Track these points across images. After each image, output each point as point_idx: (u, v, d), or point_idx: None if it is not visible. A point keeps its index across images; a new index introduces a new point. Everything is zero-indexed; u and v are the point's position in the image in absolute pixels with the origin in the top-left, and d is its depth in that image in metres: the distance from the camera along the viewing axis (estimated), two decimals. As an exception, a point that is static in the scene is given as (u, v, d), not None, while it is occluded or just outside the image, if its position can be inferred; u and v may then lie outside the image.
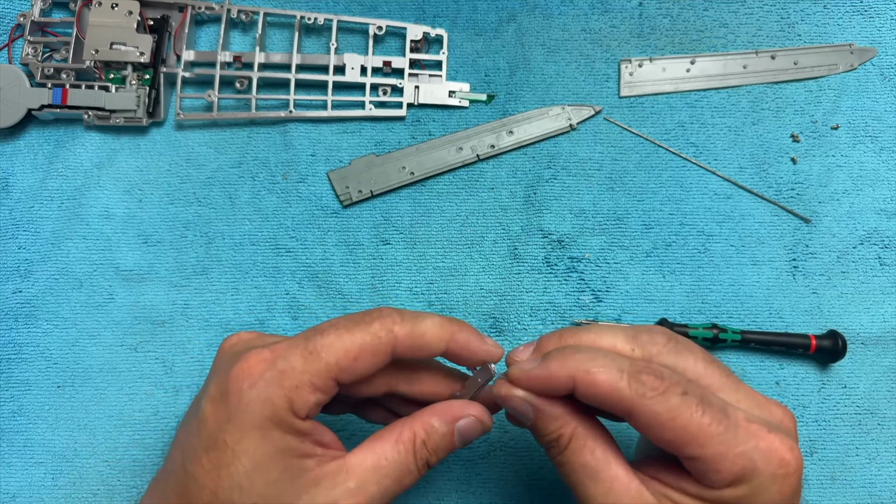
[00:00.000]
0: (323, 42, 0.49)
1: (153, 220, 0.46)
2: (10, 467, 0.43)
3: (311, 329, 0.31)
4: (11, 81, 0.46)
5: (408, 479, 0.31)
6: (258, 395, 0.28)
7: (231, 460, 0.28)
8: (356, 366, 0.30)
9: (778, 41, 0.48)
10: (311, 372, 0.29)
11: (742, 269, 0.46)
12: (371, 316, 0.31)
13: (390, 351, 0.30)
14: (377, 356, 0.30)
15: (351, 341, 0.30)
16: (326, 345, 0.29)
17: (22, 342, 0.45)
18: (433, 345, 0.31)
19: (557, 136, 0.47)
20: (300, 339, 0.30)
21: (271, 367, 0.29)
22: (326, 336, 0.30)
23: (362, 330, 0.30)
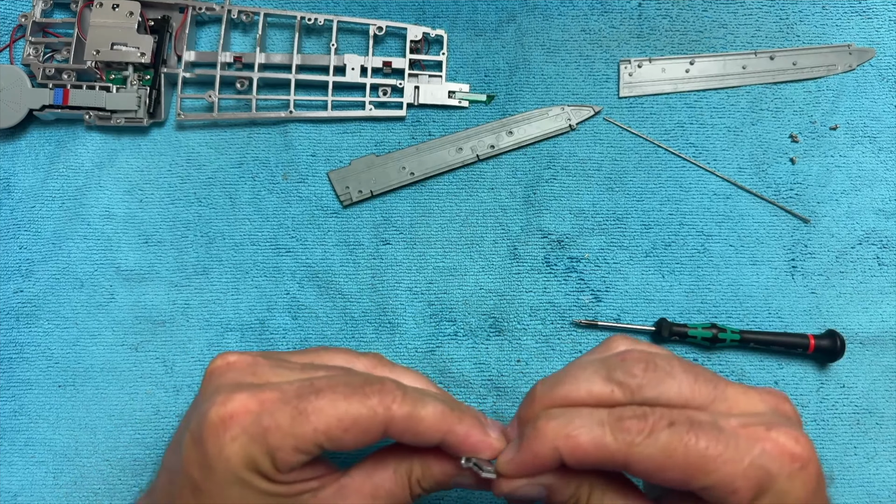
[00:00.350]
0: (323, 42, 0.49)
1: (154, 220, 0.47)
2: (11, 466, 0.43)
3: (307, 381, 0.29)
4: (13, 82, 0.46)
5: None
6: (239, 449, 0.27)
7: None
8: (345, 437, 0.28)
9: (777, 42, 0.48)
10: (296, 435, 0.27)
11: (741, 269, 0.46)
12: (372, 387, 0.28)
13: (383, 431, 0.28)
14: (368, 434, 0.28)
15: (345, 411, 0.27)
16: (318, 409, 0.27)
17: (23, 342, 0.45)
18: (428, 434, 0.29)
19: (557, 137, 0.47)
20: (292, 394, 0.28)
21: (255, 422, 0.27)
22: (321, 398, 0.27)
23: (359, 401, 0.28)
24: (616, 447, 0.26)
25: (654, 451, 0.26)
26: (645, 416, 0.26)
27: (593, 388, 0.28)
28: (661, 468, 0.26)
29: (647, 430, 0.26)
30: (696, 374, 0.28)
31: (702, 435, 0.26)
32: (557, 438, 0.27)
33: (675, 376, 0.28)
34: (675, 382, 0.28)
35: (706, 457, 0.26)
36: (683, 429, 0.26)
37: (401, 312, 0.45)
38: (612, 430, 0.26)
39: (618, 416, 0.27)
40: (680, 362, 0.29)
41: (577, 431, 0.26)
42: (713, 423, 0.26)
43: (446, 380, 0.44)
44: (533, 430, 0.27)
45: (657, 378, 0.28)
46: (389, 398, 0.28)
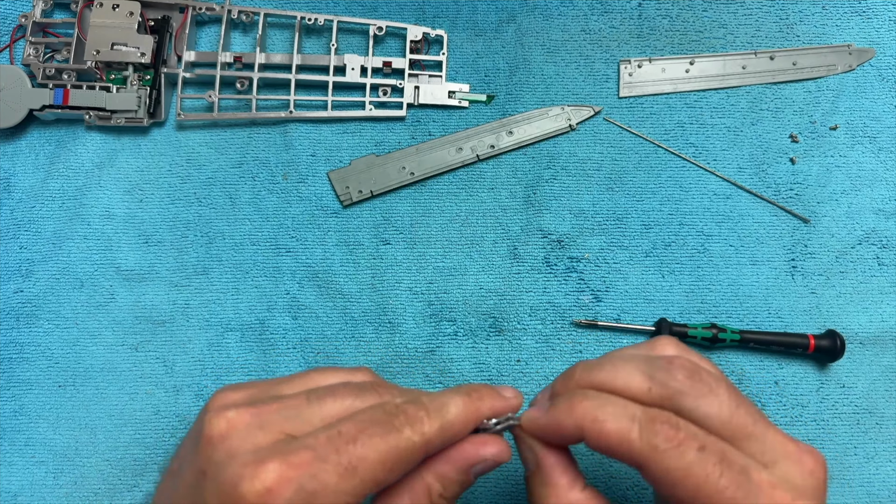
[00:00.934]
0: (323, 42, 0.49)
1: (154, 220, 0.47)
2: (11, 466, 0.43)
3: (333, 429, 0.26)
4: (13, 82, 0.46)
5: None
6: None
7: None
8: (390, 477, 0.26)
9: (777, 42, 0.49)
10: (347, 491, 0.25)
11: (741, 269, 0.46)
12: (398, 418, 0.27)
13: (422, 455, 0.27)
14: (411, 464, 0.27)
15: (386, 452, 0.26)
16: (362, 458, 0.25)
17: (23, 342, 0.45)
18: (461, 433, 0.28)
19: (557, 137, 0.47)
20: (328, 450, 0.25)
21: (300, 489, 0.24)
22: (360, 446, 0.26)
23: (395, 437, 0.26)
24: (639, 446, 0.26)
25: (674, 465, 0.25)
26: (678, 427, 0.26)
27: (632, 381, 0.27)
28: (674, 484, 0.25)
29: (675, 442, 0.25)
30: (739, 402, 0.27)
31: (727, 474, 0.25)
32: (586, 417, 0.26)
33: (718, 395, 0.27)
34: (716, 401, 0.27)
35: (722, 496, 0.25)
36: (712, 459, 0.25)
37: (401, 312, 0.45)
38: (642, 429, 0.26)
39: (651, 416, 0.26)
40: (727, 384, 0.27)
41: (606, 417, 0.26)
42: (743, 468, 0.25)
43: (446, 380, 0.44)
44: (565, 402, 0.27)
45: (699, 390, 0.27)
46: (419, 425, 0.27)
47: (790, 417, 0.44)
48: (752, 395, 0.44)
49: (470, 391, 0.29)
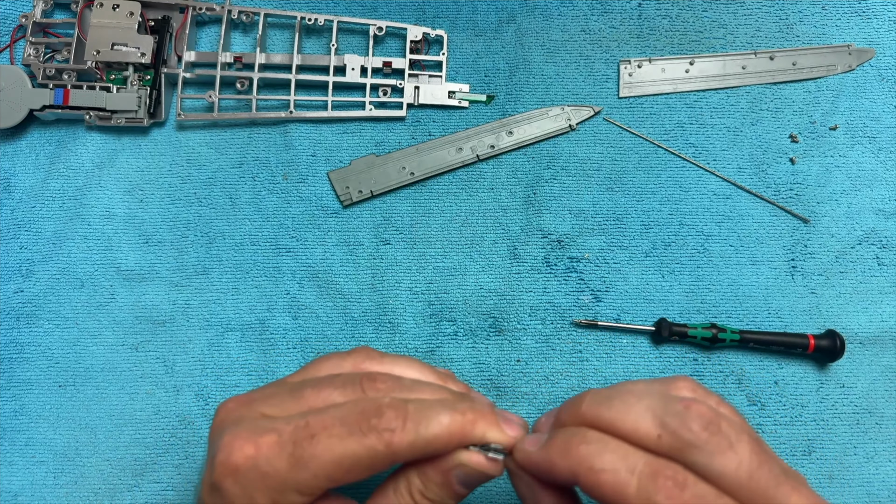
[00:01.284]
0: (323, 43, 0.49)
1: (154, 220, 0.47)
2: (11, 466, 0.43)
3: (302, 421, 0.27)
4: (13, 82, 0.46)
5: None
6: (243, 492, 0.26)
7: None
8: (347, 477, 0.27)
9: (776, 42, 0.49)
10: (296, 480, 0.26)
11: (741, 269, 0.46)
12: (369, 422, 0.26)
13: (389, 463, 0.27)
14: (373, 469, 0.27)
15: (342, 454, 0.26)
16: (314, 455, 0.26)
17: (23, 342, 0.45)
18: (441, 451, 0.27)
19: (557, 137, 0.47)
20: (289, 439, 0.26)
21: (253, 468, 0.26)
22: (316, 444, 0.26)
23: (357, 441, 0.26)
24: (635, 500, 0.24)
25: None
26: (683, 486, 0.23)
27: (642, 424, 0.25)
28: None
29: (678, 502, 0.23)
30: (762, 459, 0.24)
31: None
32: (582, 464, 0.25)
33: (738, 452, 0.24)
34: (735, 459, 0.24)
35: None
36: None
37: (401, 312, 0.45)
38: (640, 484, 0.24)
39: (654, 470, 0.24)
40: (749, 436, 0.25)
41: (604, 466, 0.24)
42: None
43: (446, 380, 0.44)
44: (563, 441, 0.26)
45: (715, 445, 0.24)
46: (388, 433, 0.26)
47: (790, 417, 0.44)
48: (752, 395, 0.44)
49: (466, 410, 0.27)
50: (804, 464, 0.43)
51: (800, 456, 0.43)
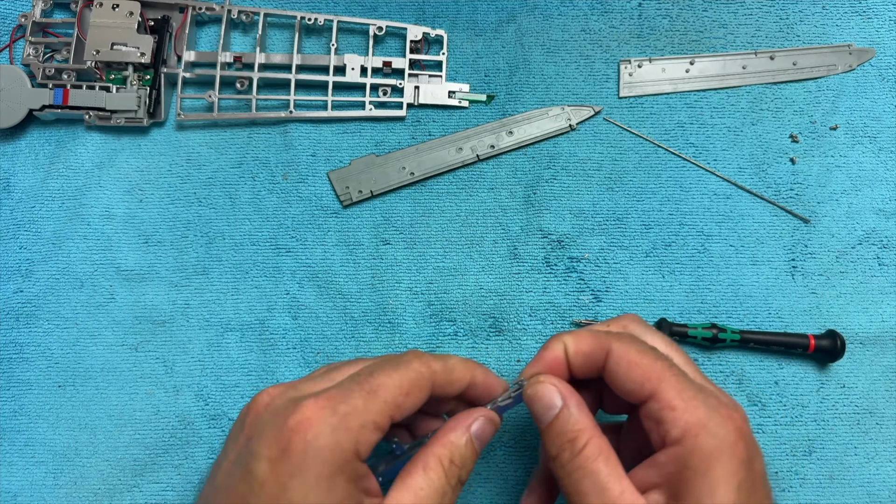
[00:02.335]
0: (323, 42, 0.49)
1: (154, 220, 0.47)
2: (11, 466, 0.43)
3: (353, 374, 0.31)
4: (13, 82, 0.46)
5: (447, 500, 0.31)
6: (326, 442, 0.28)
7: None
8: (408, 401, 0.31)
9: (777, 42, 0.48)
10: (374, 411, 0.29)
11: (741, 269, 0.46)
12: (407, 357, 0.32)
13: (431, 385, 0.32)
14: (423, 391, 0.32)
15: (401, 379, 0.31)
16: (381, 384, 0.30)
17: (23, 342, 0.45)
18: (461, 381, 0.33)
19: (557, 137, 0.47)
20: (352, 383, 0.30)
21: (334, 412, 0.29)
22: (378, 377, 0.31)
23: (406, 368, 0.31)
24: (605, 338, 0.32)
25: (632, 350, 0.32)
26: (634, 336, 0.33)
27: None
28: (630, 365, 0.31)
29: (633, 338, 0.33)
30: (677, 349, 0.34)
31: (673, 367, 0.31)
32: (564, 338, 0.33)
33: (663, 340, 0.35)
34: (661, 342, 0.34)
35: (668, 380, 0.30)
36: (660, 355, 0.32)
37: (401, 312, 0.45)
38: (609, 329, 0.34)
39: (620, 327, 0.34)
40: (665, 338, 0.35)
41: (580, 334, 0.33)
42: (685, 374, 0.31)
43: (446, 380, 0.44)
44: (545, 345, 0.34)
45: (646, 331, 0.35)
46: (426, 359, 0.32)
47: (790, 417, 0.44)
48: (752, 395, 0.44)
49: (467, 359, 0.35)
50: (805, 464, 0.43)
51: (800, 456, 0.43)
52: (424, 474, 0.30)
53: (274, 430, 0.29)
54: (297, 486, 0.27)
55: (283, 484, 0.27)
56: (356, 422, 0.29)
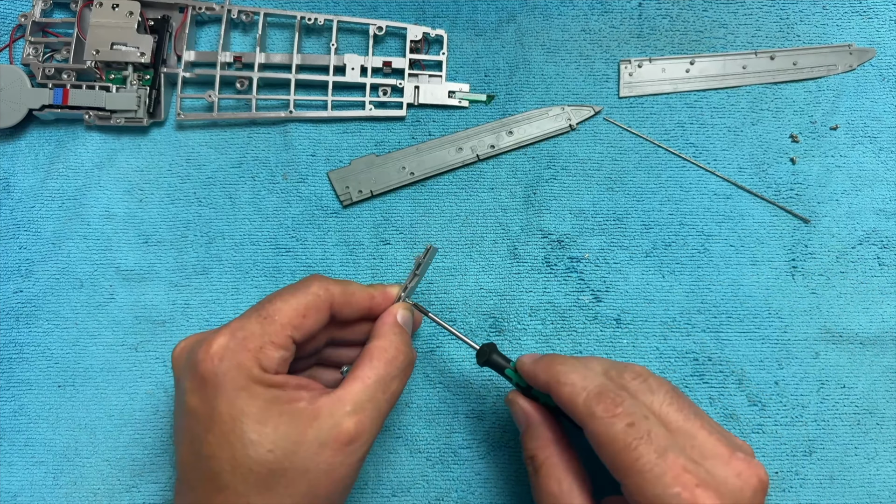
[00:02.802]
0: (323, 42, 0.49)
1: (154, 219, 0.46)
2: (11, 466, 0.43)
3: (257, 303, 0.35)
4: (12, 82, 0.46)
5: (394, 386, 0.34)
6: (230, 363, 0.31)
7: (232, 425, 0.31)
8: (305, 322, 0.34)
9: (777, 42, 0.48)
10: (269, 333, 0.33)
11: (741, 270, 0.46)
12: (308, 281, 0.35)
13: (329, 306, 0.35)
14: (321, 311, 0.35)
15: (297, 303, 0.34)
16: (277, 309, 0.33)
17: (23, 342, 0.45)
18: (361, 302, 0.37)
19: (557, 137, 0.47)
20: (252, 311, 0.34)
21: (232, 338, 0.32)
22: (274, 303, 0.34)
23: (303, 293, 0.34)
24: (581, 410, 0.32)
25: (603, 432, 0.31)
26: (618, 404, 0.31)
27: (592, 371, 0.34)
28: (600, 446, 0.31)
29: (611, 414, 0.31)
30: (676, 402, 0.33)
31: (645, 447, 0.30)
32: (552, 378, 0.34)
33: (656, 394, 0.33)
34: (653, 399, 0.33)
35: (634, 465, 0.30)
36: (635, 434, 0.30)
37: (401, 312, 0.45)
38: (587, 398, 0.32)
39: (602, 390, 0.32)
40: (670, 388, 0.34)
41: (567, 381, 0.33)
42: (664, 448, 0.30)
43: (446, 380, 0.44)
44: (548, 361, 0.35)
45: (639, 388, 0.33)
46: (325, 283, 0.35)
47: (790, 418, 0.44)
48: (752, 395, 0.44)
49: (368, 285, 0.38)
50: (805, 464, 0.43)
51: (800, 456, 0.43)
52: (369, 364, 0.34)
53: (191, 366, 0.32)
54: (221, 402, 0.31)
55: (209, 404, 0.31)
56: (254, 344, 0.32)
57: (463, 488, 0.43)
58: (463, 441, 0.44)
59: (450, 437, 0.44)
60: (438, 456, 0.44)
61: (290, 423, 0.31)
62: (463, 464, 0.43)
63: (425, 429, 0.44)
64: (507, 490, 0.43)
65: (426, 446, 0.44)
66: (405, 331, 0.37)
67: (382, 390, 0.34)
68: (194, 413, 0.32)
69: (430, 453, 0.44)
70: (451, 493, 0.43)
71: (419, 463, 0.43)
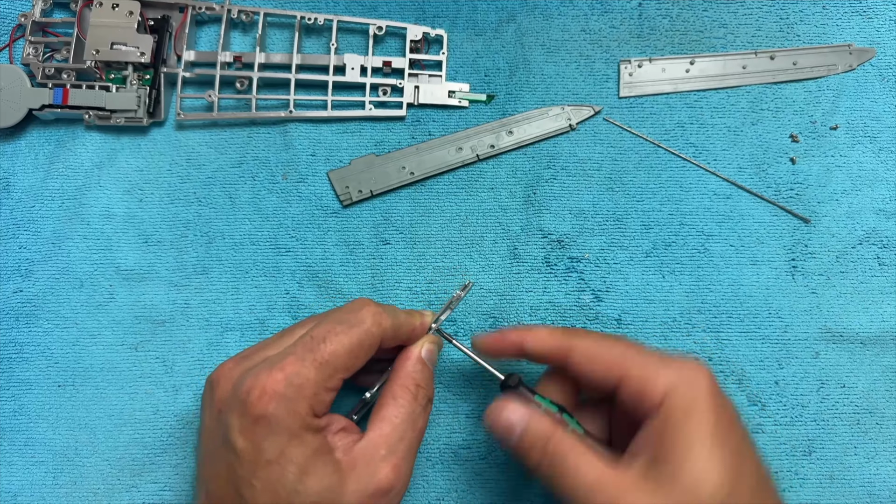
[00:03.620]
0: (323, 42, 0.49)
1: (153, 219, 0.46)
2: (11, 466, 0.43)
3: (307, 336, 0.34)
4: (12, 81, 0.46)
5: (420, 422, 0.35)
6: (286, 409, 0.31)
7: (280, 472, 0.31)
8: (357, 363, 0.34)
9: (777, 42, 0.48)
10: (324, 379, 0.32)
11: (741, 269, 0.46)
12: (361, 314, 0.34)
13: (379, 343, 0.35)
14: (372, 349, 0.35)
15: (351, 343, 0.33)
16: (332, 352, 0.33)
17: (23, 341, 0.45)
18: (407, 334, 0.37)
19: (557, 137, 0.47)
20: (305, 352, 0.33)
21: (289, 385, 0.31)
22: (329, 343, 0.33)
23: (357, 329, 0.34)
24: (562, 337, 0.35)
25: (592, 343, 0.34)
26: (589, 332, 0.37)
27: None
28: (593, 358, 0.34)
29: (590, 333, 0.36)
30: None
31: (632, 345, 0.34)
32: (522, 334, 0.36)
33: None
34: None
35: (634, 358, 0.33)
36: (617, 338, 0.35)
37: (401, 312, 0.45)
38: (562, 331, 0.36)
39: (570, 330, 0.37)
40: None
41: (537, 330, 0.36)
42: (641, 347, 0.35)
43: (447, 380, 0.44)
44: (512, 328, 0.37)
45: None
46: (378, 317, 0.35)
47: (790, 417, 0.44)
48: (752, 395, 0.44)
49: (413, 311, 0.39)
50: (804, 464, 0.43)
51: (800, 456, 0.43)
52: (395, 403, 0.34)
53: (240, 403, 0.32)
54: (270, 447, 0.31)
55: (258, 447, 0.31)
56: (309, 391, 0.32)
57: (463, 488, 0.43)
58: (463, 441, 0.44)
59: (450, 438, 0.44)
60: (438, 456, 0.44)
61: (332, 473, 0.31)
62: (463, 464, 0.43)
63: (425, 429, 0.44)
64: (506, 490, 0.43)
65: (426, 446, 0.44)
66: (427, 366, 0.37)
67: (412, 427, 0.34)
68: (241, 454, 0.31)
69: (430, 453, 0.44)
70: (451, 493, 0.43)
71: (419, 463, 0.43)
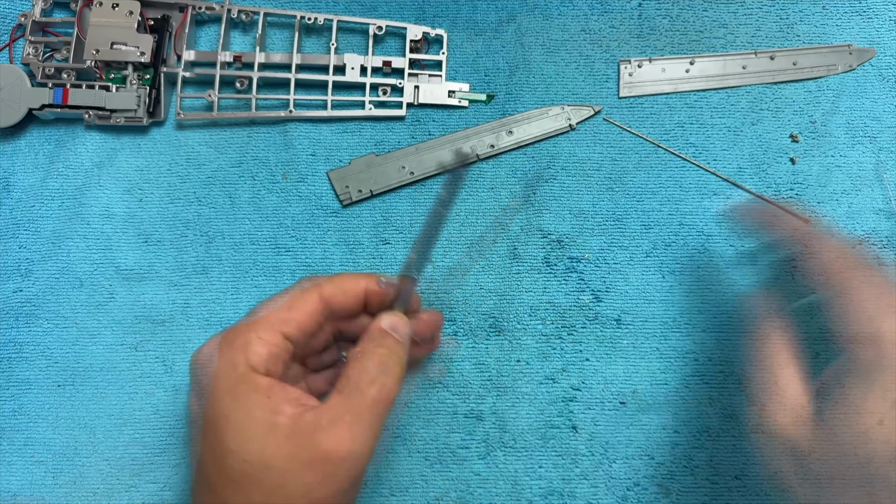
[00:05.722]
0: (323, 42, 0.49)
1: (153, 219, 0.46)
2: (10, 466, 0.43)
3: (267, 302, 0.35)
4: (12, 81, 0.46)
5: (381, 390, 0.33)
6: (221, 363, 0.32)
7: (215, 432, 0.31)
8: (293, 315, 0.33)
9: (777, 42, 0.48)
10: (255, 329, 0.32)
11: (741, 269, 0.46)
12: (299, 282, 0.36)
13: (320, 297, 0.34)
14: (309, 303, 0.34)
15: (283, 298, 0.34)
16: (263, 306, 0.34)
17: (22, 341, 0.45)
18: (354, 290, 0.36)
19: (557, 137, 0.47)
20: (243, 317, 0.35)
21: (222, 339, 0.33)
22: (264, 303, 0.35)
23: (292, 288, 0.35)
24: None
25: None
26: None
27: None
28: None
29: None
30: None
31: None
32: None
33: None
34: None
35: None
36: None
37: (400, 312, 0.45)
38: None
39: None
40: None
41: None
42: None
43: (446, 380, 0.44)
44: None
45: None
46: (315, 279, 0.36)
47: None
48: (752, 395, 0.44)
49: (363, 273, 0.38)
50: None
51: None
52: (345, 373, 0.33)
53: (191, 375, 0.34)
54: (212, 406, 0.31)
55: (204, 410, 0.32)
56: (241, 340, 0.32)
57: (462, 488, 0.43)
58: (461, 441, 0.44)
59: (448, 437, 0.44)
60: (437, 456, 0.44)
61: (265, 436, 0.30)
62: (461, 464, 0.43)
63: (424, 429, 0.44)
64: (506, 490, 0.43)
65: (424, 446, 0.44)
66: (390, 335, 0.34)
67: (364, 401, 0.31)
68: (195, 418, 0.33)
69: (429, 453, 0.44)
70: (449, 492, 0.43)
71: (417, 463, 0.44)
